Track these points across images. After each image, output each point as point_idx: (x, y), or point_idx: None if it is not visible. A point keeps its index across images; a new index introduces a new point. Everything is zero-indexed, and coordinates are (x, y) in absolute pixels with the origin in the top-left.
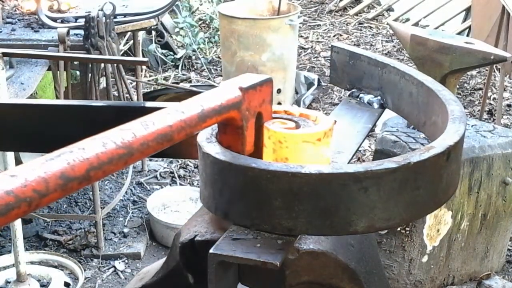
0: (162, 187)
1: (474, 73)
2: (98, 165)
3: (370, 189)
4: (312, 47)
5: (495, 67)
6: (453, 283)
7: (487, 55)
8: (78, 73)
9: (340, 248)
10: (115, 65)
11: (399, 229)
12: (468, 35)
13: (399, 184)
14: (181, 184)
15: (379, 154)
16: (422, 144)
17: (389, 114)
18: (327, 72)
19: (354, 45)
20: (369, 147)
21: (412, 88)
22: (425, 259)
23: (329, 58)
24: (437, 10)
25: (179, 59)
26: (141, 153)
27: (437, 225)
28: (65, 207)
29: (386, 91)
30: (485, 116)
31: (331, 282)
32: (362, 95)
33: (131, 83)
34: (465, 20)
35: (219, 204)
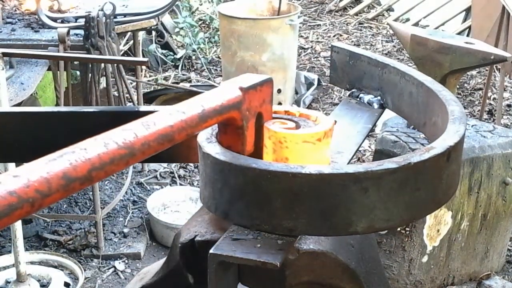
0: (162, 187)
1: (474, 73)
2: (100, 166)
3: (370, 189)
4: (312, 47)
5: (495, 67)
6: (453, 283)
7: (487, 55)
8: (78, 73)
9: (340, 248)
10: (115, 65)
11: (399, 229)
12: (468, 35)
13: (399, 184)
14: (181, 184)
15: (379, 154)
16: (422, 144)
17: (389, 114)
18: (327, 72)
19: (354, 45)
20: (369, 147)
21: (412, 88)
22: (425, 259)
23: (329, 58)
24: (437, 10)
25: (179, 59)
26: (142, 153)
27: (437, 225)
28: (65, 207)
29: (386, 91)
30: (485, 116)
31: (331, 282)
32: (362, 95)
33: (131, 83)
34: (465, 20)
35: (219, 204)
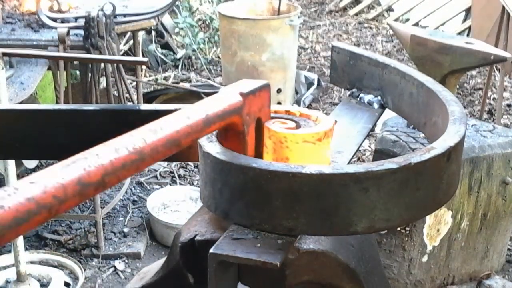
0: (162, 187)
1: (474, 73)
2: (112, 171)
3: (370, 189)
4: (312, 47)
5: (495, 67)
6: (453, 282)
7: (487, 55)
8: (78, 73)
9: (340, 247)
10: (115, 65)
11: (399, 228)
12: (468, 35)
13: (400, 185)
14: (181, 183)
15: (379, 153)
16: (422, 143)
17: (389, 113)
18: (327, 72)
19: (354, 45)
20: (369, 146)
21: (412, 88)
22: (425, 258)
23: (329, 58)
24: (437, 10)
25: (179, 59)
26: (152, 159)
27: (437, 224)
28: None
29: (386, 92)
30: (485, 116)
31: (331, 281)
32: (362, 95)
33: (131, 83)
34: (465, 20)
35: (219, 203)
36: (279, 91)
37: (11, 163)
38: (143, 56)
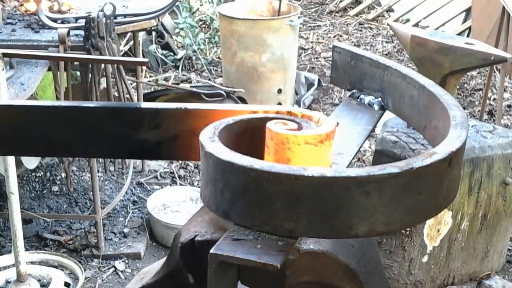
0: (162, 187)
1: (474, 73)
2: None
3: (372, 193)
4: (312, 47)
5: (495, 68)
6: (453, 283)
7: (487, 55)
8: (78, 73)
9: (340, 248)
10: (116, 65)
11: None
12: (468, 36)
13: (401, 189)
14: (181, 184)
15: (379, 154)
16: (422, 144)
17: (389, 114)
18: (328, 72)
19: (354, 46)
20: (369, 147)
21: (413, 91)
22: (425, 259)
23: (329, 58)
24: (437, 10)
25: (180, 60)
26: None
27: (437, 225)
28: (65, 207)
29: (387, 93)
30: (485, 116)
31: (331, 282)
32: (362, 96)
33: (132, 84)
34: (465, 20)
35: (220, 204)
36: (279, 91)
37: (12, 164)
38: (144, 56)
